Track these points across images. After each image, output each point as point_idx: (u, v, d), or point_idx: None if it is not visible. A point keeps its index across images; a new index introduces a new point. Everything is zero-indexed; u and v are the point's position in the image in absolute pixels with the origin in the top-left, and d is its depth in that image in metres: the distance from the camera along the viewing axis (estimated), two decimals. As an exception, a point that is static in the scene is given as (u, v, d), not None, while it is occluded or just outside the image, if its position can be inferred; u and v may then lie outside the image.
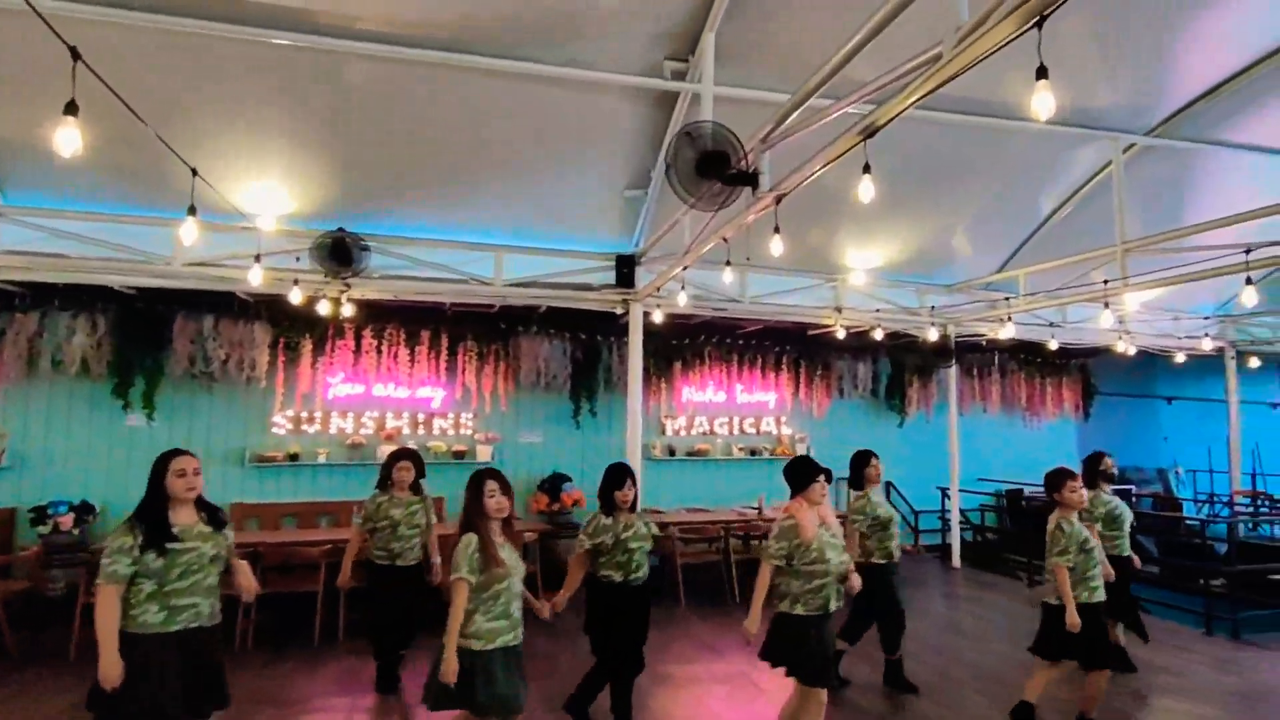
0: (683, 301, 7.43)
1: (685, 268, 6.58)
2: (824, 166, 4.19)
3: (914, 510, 10.49)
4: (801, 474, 3.97)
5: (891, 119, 3.61)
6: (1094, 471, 5.58)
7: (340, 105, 6.11)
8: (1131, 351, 9.97)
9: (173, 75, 5.57)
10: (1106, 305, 7.78)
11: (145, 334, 7.62)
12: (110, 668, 2.91)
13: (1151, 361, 11.54)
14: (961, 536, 9.76)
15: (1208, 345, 10.18)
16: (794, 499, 3.96)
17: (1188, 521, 10.23)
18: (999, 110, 6.68)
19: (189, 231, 5.29)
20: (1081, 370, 11.58)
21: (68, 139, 3.71)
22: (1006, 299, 8.69)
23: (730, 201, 4.70)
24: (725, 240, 5.62)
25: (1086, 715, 4.52)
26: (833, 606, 3.88)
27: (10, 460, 7.43)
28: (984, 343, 10.50)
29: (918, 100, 3.40)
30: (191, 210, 5.22)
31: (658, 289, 7.58)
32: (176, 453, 3.30)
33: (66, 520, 7.08)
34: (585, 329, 8.98)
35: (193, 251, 6.82)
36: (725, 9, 5.40)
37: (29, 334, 7.30)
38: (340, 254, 6.94)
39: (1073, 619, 4.20)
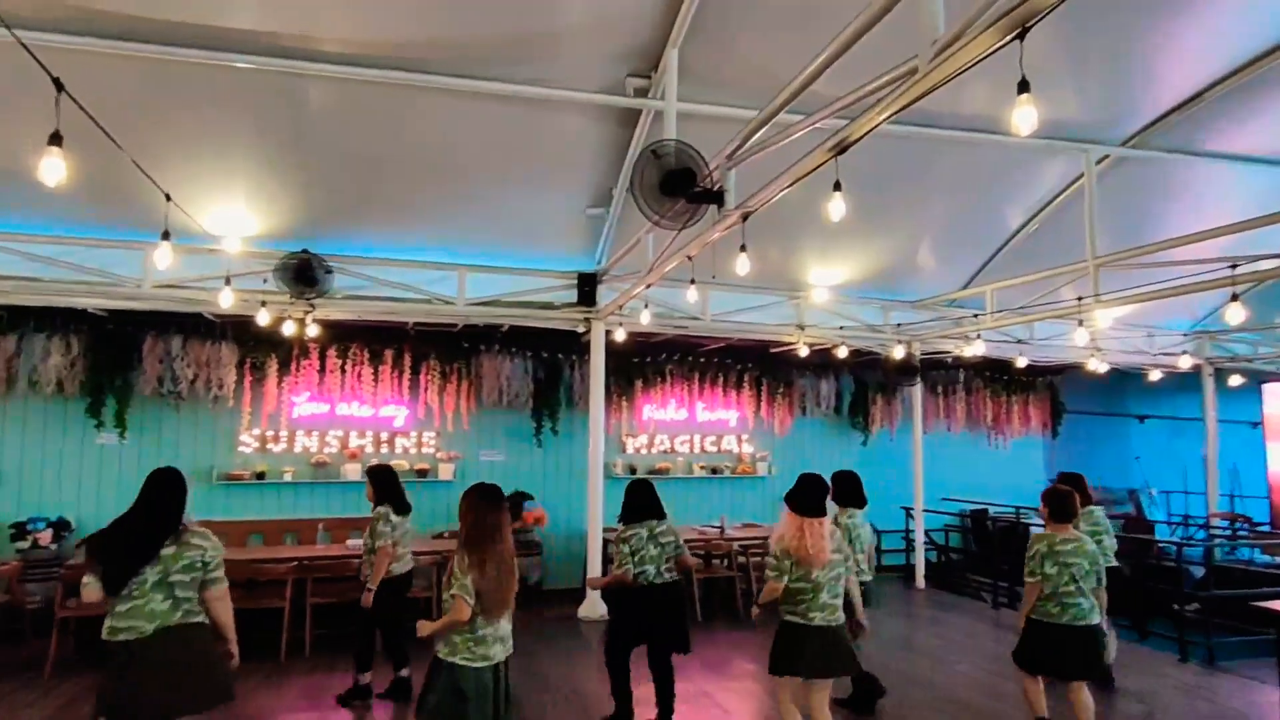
0: (645, 320, 7.72)
1: (648, 286, 6.82)
2: (792, 184, 4.25)
3: (876, 530, 10.62)
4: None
5: (864, 135, 3.62)
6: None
7: (304, 127, 6.40)
8: (1103, 369, 10.08)
9: (139, 100, 5.86)
10: (1080, 323, 7.89)
11: (116, 355, 8.04)
12: None
13: (1123, 379, 11.68)
14: (925, 557, 9.95)
15: (1185, 363, 10.27)
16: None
17: (1161, 544, 10.30)
18: (965, 122, 6.76)
19: (163, 256, 5.60)
20: (1050, 388, 11.76)
21: (52, 169, 3.93)
22: (975, 316, 8.85)
23: (695, 220, 4.82)
24: (690, 259, 5.77)
25: None
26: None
27: (-14, 478, 7.85)
28: (950, 360, 10.72)
29: (891, 115, 3.41)
30: (165, 235, 5.53)
31: (620, 307, 7.87)
32: None
33: (45, 536, 7.49)
34: (547, 347, 9.32)
35: (161, 274, 7.20)
36: (689, 25, 5.46)
37: (6, 355, 7.74)
38: (304, 275, 7.30)
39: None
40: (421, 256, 7.98)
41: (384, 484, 5.48)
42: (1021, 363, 9.83)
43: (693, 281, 6.74)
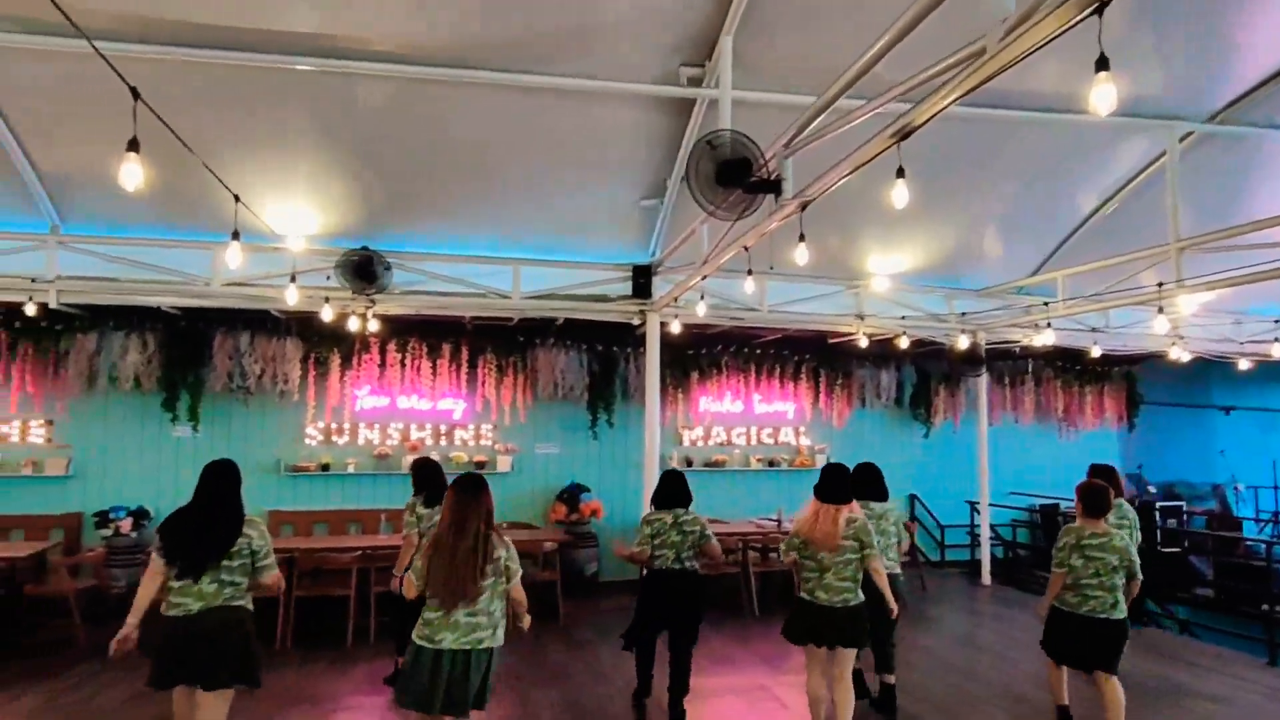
0: (701, 311, 7.68)
1: (704, 278, 6.80)
2: (853, 171, 4.14)
3: (939, 524, 10.51)
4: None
5: (928, 120, 3.53)
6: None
7: (361, 126, 6.57)
8: (1185, 358, 9.66)
9: (204, 105, 6.10)
10: (1161, 310, 7.54)
11: (189, 351, 8.41)
12: None
13: (1206, 368, 11.17)
14: (992, 553, 9.72)
15: (1278, 351, 9.76)
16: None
17: (1248, 542, 9.86)
18: (1034, 102, 6.56)
19: (233, 255, 5.80)
20: (1126, 378, 11.29)
21: (131, 174, 4.13)
22: (1045, 304, 8.56)
23: (751, 210, 4.79)
24: (746, 249, 5.74)
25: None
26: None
27: (75, 469, 8.34)
28: (1017, 349, 10.38)
29: (958, 99, 3.31)
30: (235, 235, 5.74)
31: (675, 299, 7.85)
32: None
33: (126, 524, 7.92)
34: (602, 340, 9.37)
35: (230, 272, 7.51)
36: (743, 12, 5.43)
37: (88, 353, 8.15)
38: (365, 271, 7.49)
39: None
40: (477, 251, 8.11)
41: (420, 476, 5.68)
42: (1096, 352, 9.46)
43: (749, 272, 6.67)
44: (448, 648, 3.58)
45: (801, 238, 5.30)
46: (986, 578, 9.56)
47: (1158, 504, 9.89)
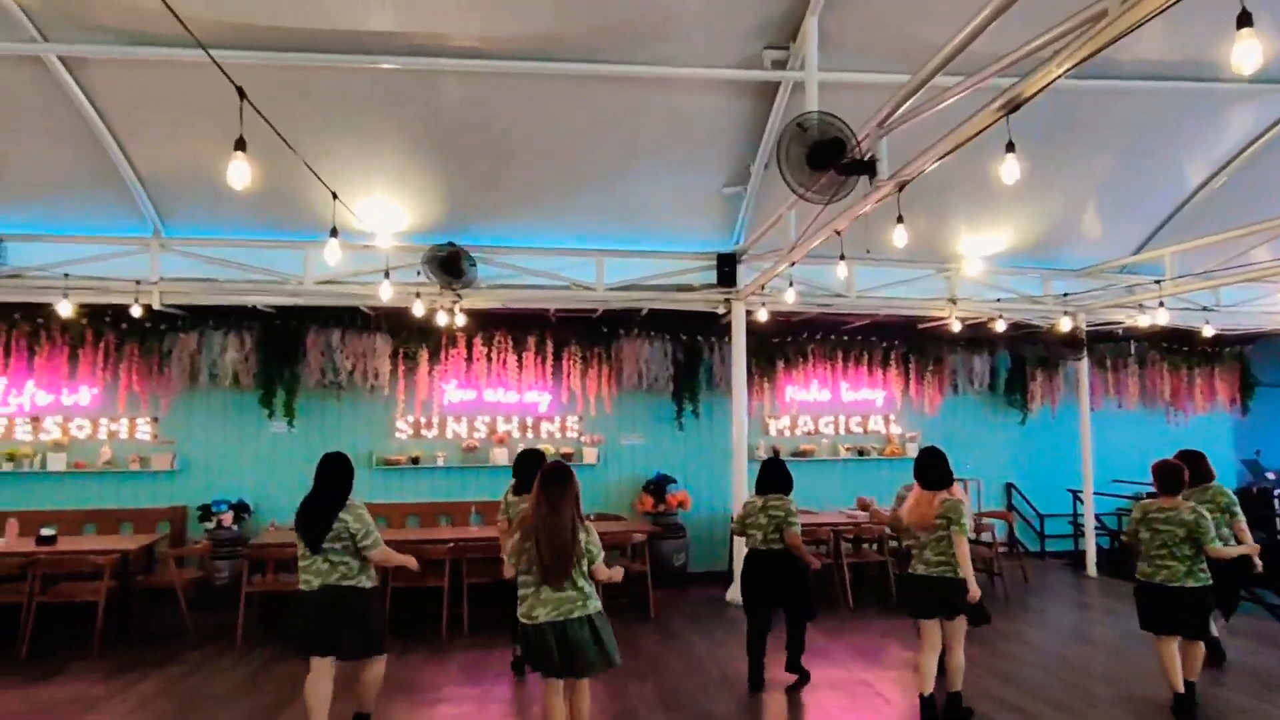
0: (791, 298, 7.59)
1: (792, 264, 6.75)
2: (956, 148, 4.11)
3: (1038, 514, 10.21)
4: None
5: (1040, 90, 3.48)
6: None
7: (442, 122, 6.71)
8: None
9: (293, 107, 6.18)
10: None
11: (284, 348, 8.70)
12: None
13: (1332, 347, 10.58)
14: (1097, 543, 9.41)
15: None
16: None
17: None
18: (1133, 70, 6.35)
19: (331, 252, 5.95)
20: (1238, 359, 10.77)
21: (239, 172, 4.33)
22: (1157, 282, 8.21)
23: (844, 193, 4.76)
24: (838, 233, 5.69)
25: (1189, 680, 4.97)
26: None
27: (180, 464, 8.72)
28: (1120, 331, 10.01)
29: (1073, 67, 3.25)
30: (333, 232, 5.90)
31: (761, 287, 7.79)
32: None
33: (227, 518, 8.25)
34: (686, 330, 9.36)
35: (321, 270, 7.76)
36: None
37: (190, 352, 8.51)
38: (451, 266, 7.66)
39: None
40: (560, 243, 8.21)
41: (519, 465, 5.77)
42: (1208, 331, 9.05)
43: (842, 257, 6.58)
44: (544, 621, 3.90)
45: (900, 219, 5.25)
46: (1092, 569, 9.26)
47: (1275, 491, 9.44)
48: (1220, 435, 10.86)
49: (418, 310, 7.77)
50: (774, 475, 5.73)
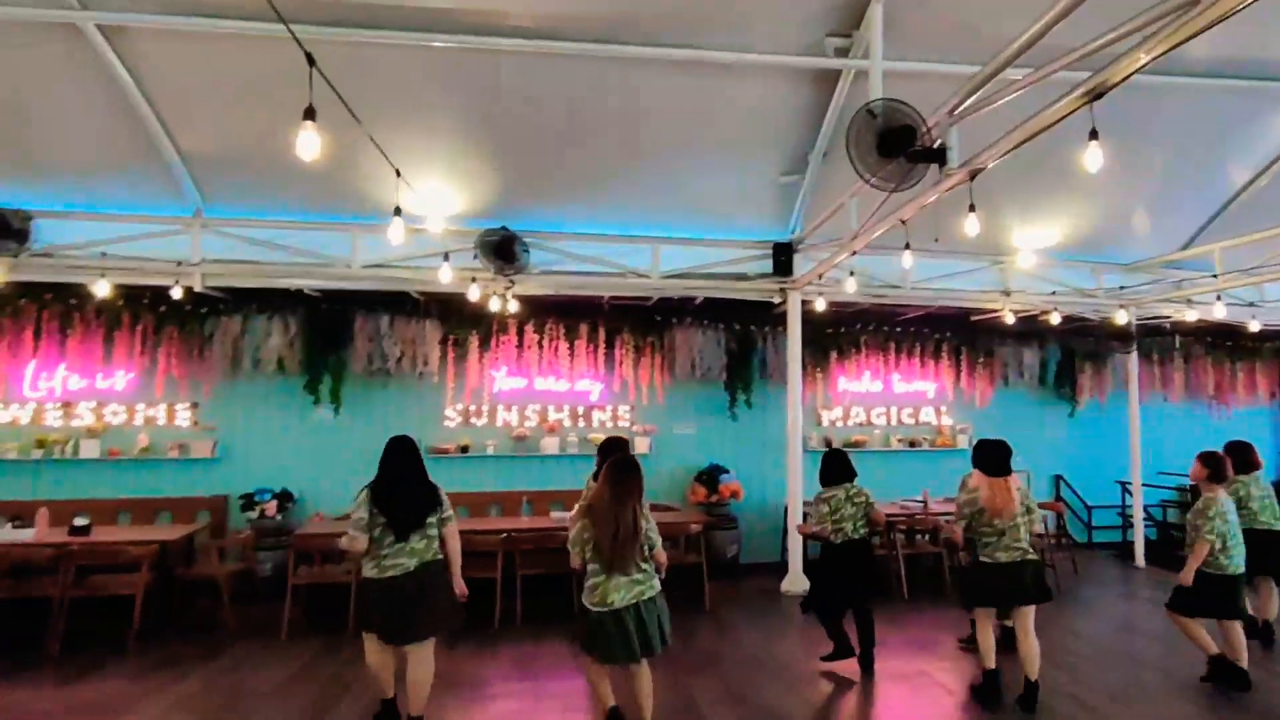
0: (851, 289, 7.58)
1: (853, 253, 6.74)
2: (1036, 134, 4.14)
3: (1086, 505, 10.30)
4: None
5: (1124, 79, 3.51)
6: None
7: (498, 104, 6.58)
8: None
9: (343, 85, 6.10)
10: None
11: (330, 334, 8.51)
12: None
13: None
14: (1145, 534, 9.50)
15: None
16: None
17: None
18: (1189, 66, 6.36)
19: (396, 231, 5.76)
20: (1277, 354, 10.96)
21: (308, 143, 4.16)
22: (1215, 275, 8.33)
23: (911, 181, 4.73)
24: (903, 222, 5.71)
25: (1237, 663, 5.30)
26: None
27: (220, 451, 8.50)
28: (1168, 325, 10.15)
29: (1159, 56, 3.28)
30: (397, 211, 5.72)
31: (820, 276, 7.76)
32: None
33: (271, 507, 8.06)
34: (739, 319, 9.31)
35: (370, 254, 7.61)
36: None
37: (233, 336, 8.30)
38: (504, 251, 7.57)
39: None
40: (614, 230, 8.12)
41: (604, 452, 5.65)
42: (1255, 326, 9.16)
43: (907, 246, 6.48)
44: (621, 605, 4.15)
45: (971, 208, 5.21)
46: (1140, 560, 9.37)
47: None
48: (1260, 428, 11.04)
49: (473, 295, 7.64)
50: (841, 465, 5.86)
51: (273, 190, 7.36)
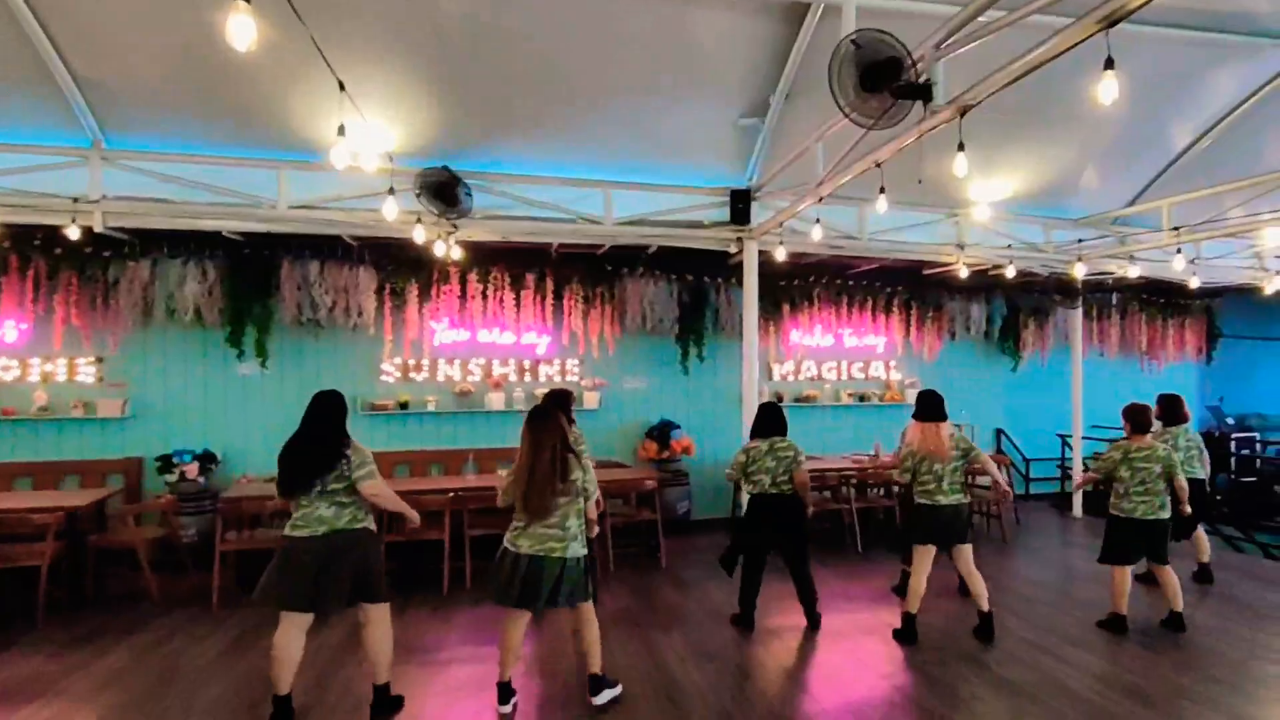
0: (817, 235, 7.43)
1: (820, 199, 6.59)
2: (1047, 61, 3.97)
3: (1024, 458, 10.70)
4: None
5: (1143, 4, 3.46)
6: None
7: (439, 34, 6.16)
8: (1271, 290, 9.88)
9: (270, 8, 5.61)
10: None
11: (254, 281, 7.98)
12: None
13: (1285, 301, 11.42)
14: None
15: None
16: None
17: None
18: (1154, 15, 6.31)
19: (340, 155, 5.33)
20: (1206, 311, 11.57)
21: (241, 28, 3.59)
22: (1176, 229, 8.43)
23: (895, 119, 4.50)
24: (879, 165, 5.52)
25: (1174, 609, 5.69)
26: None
27: (133, 410, 7.91)
28: (1110, 282, 10.50)
29: None
30: (340, 130, 5.29)
31: (780, 224, 7.64)
32: None
33: (192, 469, 7.58)
34: (692, 270, 9.18)
35: (296, 194, 7.11)
36: None
37: (142, 283, 7.67)
38: (444, 193, 7.15)
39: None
40: (565, 173, 7.80)
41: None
42: (1194, 283, 9.54)
43: (882, 190, 6.37)
44: (524, 552, 4.22)
45: (960, 146, 4.96)
46: (1078, 510, 9.83)
47: (1232, 435, 10.19)
48: (1187, 382, 11.66)
49: (418, 237, 7.21)
50: (771, 418, 5.85)
51: (185, 122, 6.71)
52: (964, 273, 8.99)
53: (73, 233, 6.79)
